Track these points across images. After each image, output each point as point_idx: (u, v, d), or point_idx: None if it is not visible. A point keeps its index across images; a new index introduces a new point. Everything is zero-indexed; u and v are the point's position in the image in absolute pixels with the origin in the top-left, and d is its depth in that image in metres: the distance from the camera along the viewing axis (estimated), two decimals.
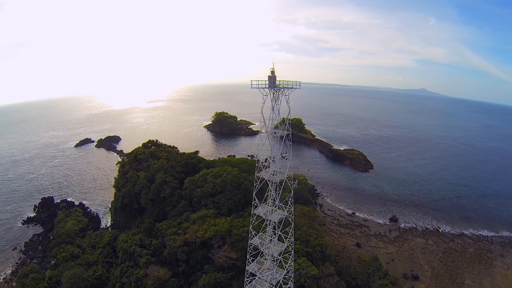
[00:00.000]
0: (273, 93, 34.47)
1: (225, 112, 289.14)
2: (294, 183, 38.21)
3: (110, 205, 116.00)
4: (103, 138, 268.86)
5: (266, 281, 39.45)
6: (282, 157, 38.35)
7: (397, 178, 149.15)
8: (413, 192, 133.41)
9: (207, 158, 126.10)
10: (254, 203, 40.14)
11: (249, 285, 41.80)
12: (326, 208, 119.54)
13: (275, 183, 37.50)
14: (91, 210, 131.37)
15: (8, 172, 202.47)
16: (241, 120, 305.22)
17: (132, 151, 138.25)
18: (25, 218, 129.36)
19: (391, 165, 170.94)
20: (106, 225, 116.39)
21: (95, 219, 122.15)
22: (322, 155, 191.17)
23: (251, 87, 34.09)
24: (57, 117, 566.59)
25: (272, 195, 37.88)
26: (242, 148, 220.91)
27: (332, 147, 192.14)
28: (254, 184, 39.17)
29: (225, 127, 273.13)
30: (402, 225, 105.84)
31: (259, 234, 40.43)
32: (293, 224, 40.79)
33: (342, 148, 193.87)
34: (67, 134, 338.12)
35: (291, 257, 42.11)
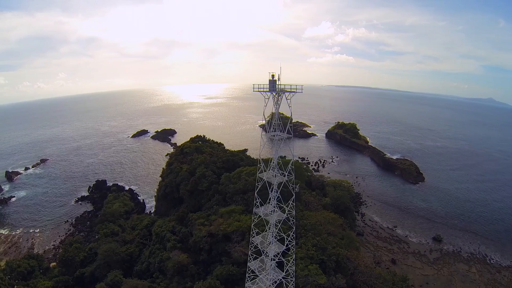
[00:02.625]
0: (274, 97, 34.67)
1: (281, 112, 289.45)
2: (295, 187, 37.99)
3: (155, 193, 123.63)
4: (159, 131, 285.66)
5: (267, 280, 40.04)
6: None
7: (448, 194, 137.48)
8: (463, 212, 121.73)
9: (254, 157, 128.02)
10: (256, 202, 40.75)
11: (250, 282, 42.63)
12: (367, 218, 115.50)
13: (274, 184, 37.73)
14: (138, 195, 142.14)
15: (70, 155, 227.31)
16: (297, 121, 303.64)
17: (180, 144, 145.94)
18: (79, 197, 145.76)
19: (444, 179, 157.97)
20: (150, 211, 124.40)
21: (140, 204, 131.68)
22: (373, 163, 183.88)
23: (253, 91, 34.75)
24: (120, 108, 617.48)
25: (273, 196, 38.19)
26: (294, 149, 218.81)
27: (384, 155, 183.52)
28: (256, 184, 39.89)
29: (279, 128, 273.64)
30: (446, 246, 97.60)
31: (263, 233, 40.94)
32: (294, 227, 40.79)
33: (394, 157, 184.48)
34: (126, 124, 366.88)
35: (291, 260, 42.03)
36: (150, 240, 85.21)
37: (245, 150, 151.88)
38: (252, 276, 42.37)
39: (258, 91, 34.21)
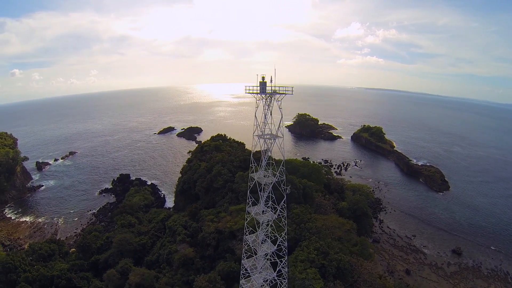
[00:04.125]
0: (265, 99, 34.92)
1: (307, 114, 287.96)
2: (287, 188, 38.00)
3: (175, 189, 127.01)
4: (185, 128, 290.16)
5: (258, 278, 40.50)
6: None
7: (473, 206, 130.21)
8: (488, 225, 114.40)
9: (277, 158, 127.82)
10: (249, 201, 41.24)
11: (244, 280, 43.20)
12: (385, 225, 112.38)
13: (263, 185, 38.01)
14: (159, 190, 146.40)
15: (98, 149, 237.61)
16: (323, 123, 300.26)
17: (202, 142, 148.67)
18: (103, 189, 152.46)
19: (471, 190, 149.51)
20: (169, 206, 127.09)
21: (160, 199, 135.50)
22: (397, 168, 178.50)
23: (245, 92, 35.15)
24: (149, 105, 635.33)
25: (262, 196, 38.48)
26: (318, 151, 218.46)
27: (409, 161, 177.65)
28: (248, 183, 40.37)
29: (305, 129, 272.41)
30: (465, 260, 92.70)
31: (257, 232, 41.31)
32: (286, 229, 40.95)
33: (419, 164, 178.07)
34: (153, 121, 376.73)
35: (284, 261, 42.15)
36: (164, 233, 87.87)
37: (266, 150, 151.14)
38: (247, 274, 42.90)
39: (249, 92, 34.50)
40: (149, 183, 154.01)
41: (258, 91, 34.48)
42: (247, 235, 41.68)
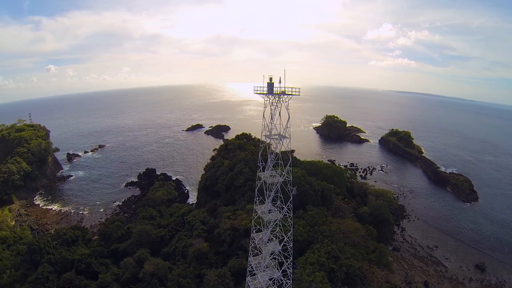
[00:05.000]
0: (272, 100, 35.16)
1: (335, 116, 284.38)
2: (293, 189, 38.08)
3: (198, 185, 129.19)
4: (213, 126, 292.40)
5: (263, 277, 40.98)
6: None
7: (502, 220, 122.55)
8: None
9: (302, 159, 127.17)
10: (256, 199, 41.67)
11: (250, 277, 43.78)
12: (407, 233, 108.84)
13: (271, 184, 38.32)
14: (183, 186, 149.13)
15: (126, 143, 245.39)
16: (351, 126, 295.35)
17: (227, 140, 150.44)
18: (129, 181, 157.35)
19: (500, 202, 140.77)
20: (192, 202, 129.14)
21: (184, 195, 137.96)
22: (424, 175, 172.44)
23: (254, 93, 35.54)
24: (179, 102, 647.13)
25: (269, 195, 38.80)
26: (345, 154, 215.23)
27: (437, 168, 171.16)
28: (256, 183, 40.73)
29: (333, 131, 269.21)
30: (488, 277, 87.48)
31: (264, 231, 41.69)
32: (291, 229, 41.05)
33: (447, 171, 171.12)
34: (182, 118, 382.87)
35: (288, 261, 42.29)
36: (183, 227, 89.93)
37: (292, 151, 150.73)
38: (253, 272, 43.46)
39: (257, 93, 34.91)
40: (174, 178, 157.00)
41: (266, 92, 34.69)
42: (254, 233, 42.19)
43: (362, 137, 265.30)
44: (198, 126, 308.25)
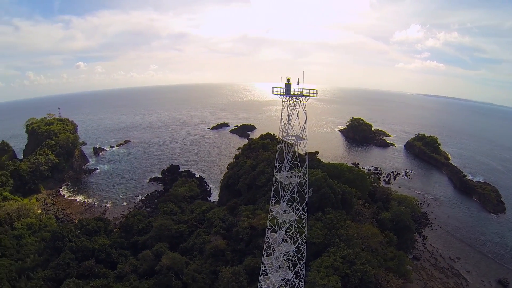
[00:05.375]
0: (289, 101, 35.04)
1: (361, 118, 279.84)
2: (308, 191, 37.85)
3: (220, 183, 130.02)
4: (239, 125, 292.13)
5: (275, 277, 41.05)
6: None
7: None
8: None
9: (326, 161, 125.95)
10: (272, 200, 41.67)
11: (263, 276, 43.94)
12: (429, 243, 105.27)
13: (286, 185, 38.22)
14: (206, 183, 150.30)
15: (151, 139, 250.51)
16: (377, 129, 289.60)
17: (252, 140, 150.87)
18: (152, 177, 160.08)
19: None
20: (214, 200, 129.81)
21: (206, 192, 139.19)
22: (449, 183, 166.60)
23: (272, 93, 35.54)
24: (206, 100, 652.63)
25: (284, 196, 38.73)
26: (369, 158, 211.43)
27: (464, 176, 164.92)
28: (273, 183, 40.70)
29: (358, 133, 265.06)
30: None
31: (278, 231, 41.71)
32: (305, 231, 40.76)
33: (474, 180, 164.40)
34: (208, 116, 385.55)
35: (301, 263, 42.08)
36: (202, 224, 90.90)
37: (316, 152, 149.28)
38: (266, 271, 43.58)
39: (275, 94, 34.93)
40: (197, 175, 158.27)
41: (284, 93, 34.67)
42: (268, 233, 42.27)
43: (388, 141, 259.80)
44: (224, 125, 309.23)
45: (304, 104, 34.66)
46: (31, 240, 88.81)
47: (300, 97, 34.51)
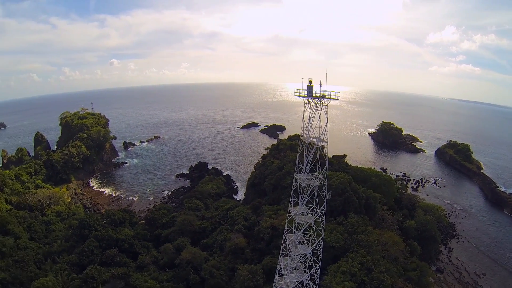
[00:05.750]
0: (311, 102, 34.93)
1: (391, 122, 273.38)
2: (327, 194, 37.59)
3: (247, 182, 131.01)
4: (269, 125, 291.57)
5: (290, 278, 41.14)
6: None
7: None
8: None
9: (354, 165, 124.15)
10: (291, 201, 41.69)
11: (278, 277, 44.09)
12: (454, 255, 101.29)
13: (306, 187, 38.13)
14: (233, 182, 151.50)
15: (181, 136, 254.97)
16: (407, 134, 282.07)
17: (280, 140, 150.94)
18: (180, 173, 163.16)
19: None
20: (239, 198, 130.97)
21: (232, 190, 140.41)
22: (480, 193, 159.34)
23: (294, 95, 35.58)
24: (236, 99, 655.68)
25: (303, 198, 38.67)
26: (398, 163, 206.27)
27: (496, 187, 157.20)
28: (292, 184, 40.69)
29: (388, 138, 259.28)
30: None
31: (295, 232, 41.70)
32: (322, 234, 40.50)
33: (507, 192, 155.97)
34: (238, 115, 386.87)
35: (317, 265, 41.85)
36: (226, 221, 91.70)
37: (344, 156, 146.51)
38: (282, 272, 43.71)
39: (297, 95, 34.99)
40: (224, 173, 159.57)
41: (306, 94, 34.69)
42: (286, 233, 42.38)
43: (418, 147, 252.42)
44: (254, 124, 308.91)
45: (326, 106, 34.51)
46: (59, 226, 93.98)
47: (322, 99, 34.38)
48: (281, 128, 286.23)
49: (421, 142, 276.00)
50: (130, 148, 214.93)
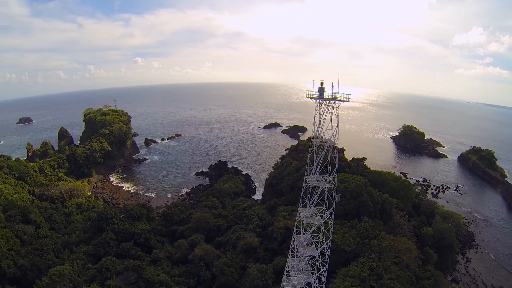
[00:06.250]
0: (322, 104, 35.00)
1: (413, 126, 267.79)
2: (336, 196, 37.57)
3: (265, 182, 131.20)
4: (290, 126, 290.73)
5: (297, 279, 41.35)
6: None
7: None
8: None
9: (373, 168, 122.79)
10: (301, 202, 41.84)
11: (286, 278, 44.33)
12: (471, 266, 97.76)
13: (316, 189, 38.23)
14: (252, 181, 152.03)
15: (202, 134, 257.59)
16: (430, 138, 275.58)
17: (300, 141, 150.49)
18: (199, 171, 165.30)
19: None
20: (257, 198, 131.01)
21: (251, 190, 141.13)
22: (503, 203, 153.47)
23: (306, 96, 35.78)
24: (259, 99, 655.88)
25: (312, 199, 38.77)
26: (419, 168, 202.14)
27: None
28: (303, 185, 40.82)
29: (410, 142, 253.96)
30: None
31: (302, 233, 41.86)
32: (331, 236, 40.41)
33: None
34: (260, 115, 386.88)
35: (324, 268, 41.83)
36: (241, 220, 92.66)
37: (363, 158, 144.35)
38: (290, 273, 43.96)
39: (309, 97, 35.21)
40: (244, 173, 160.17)
41: (317, 96, 34.84)
42: (295, 234, 42.58)
43: (440, 152, 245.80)
44: (276, 125, 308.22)
45: (337, 108, 34.59)
46: (79, 218, 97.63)
47: (333, 102, 34.49)
48: (303, 129, 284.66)
49: (443, 147, 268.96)
50: (152, 145, 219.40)
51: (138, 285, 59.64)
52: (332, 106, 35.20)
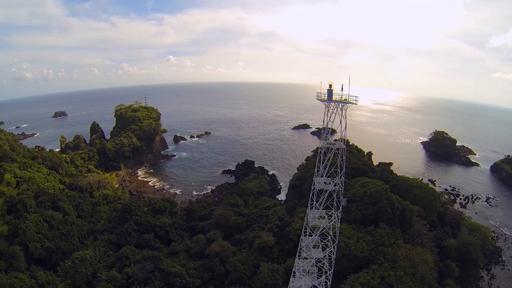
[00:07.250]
0: (330, 106, 35.31)
1: (445, 132, 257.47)
2: (343, 200, 37.73)
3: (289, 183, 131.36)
4: (320, 128, 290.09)
5: (303, 281, 41.82)
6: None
7: None
8: None
9: (399, 173, 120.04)
10: (309, 203, 42.21)
11: (293, 278, 44.85)
12: (496, 283, 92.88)
13: (320, 191, 38.57)
14: (278, 182, 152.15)
15: (231, 133, 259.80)
16: (461, 145, 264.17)
17: None
18: (226, 169, 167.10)
19: None
20: (281, 199, 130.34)
21: (275, 190, 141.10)
22: None
23: (316, 98, 36.21)
24: (290, 100, 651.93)
25: (319, 201, 39.12)
26: (448, 176, 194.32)
27: None
28: (312, 187, 41.14)
29: (440, 148, 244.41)
30: None
31: (308, 235, 42.23)
32: (336, 240, 40.47)
33: None
34: (291, 116, 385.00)
35: (330, 272, 41.94)
36: (262, 219, 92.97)
37: (390, 163, 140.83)
38: (296, 274, 44.45)
39: (319, 99, 35.70)
40: (270, 173, 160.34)
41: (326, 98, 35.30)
42: (303, 236, 43.05)
43: (472, 160, 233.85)
44: (305, 126, 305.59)
45: (345, 110, 34.94)
46: (105, 208, 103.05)
47: (342, 104, 34.87)
48: (332, 131, 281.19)
49: (475, 154, 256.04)
50: (180, 142, 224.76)
51: (154, 275, 62.30)
52: (341, 108, 35.41)
